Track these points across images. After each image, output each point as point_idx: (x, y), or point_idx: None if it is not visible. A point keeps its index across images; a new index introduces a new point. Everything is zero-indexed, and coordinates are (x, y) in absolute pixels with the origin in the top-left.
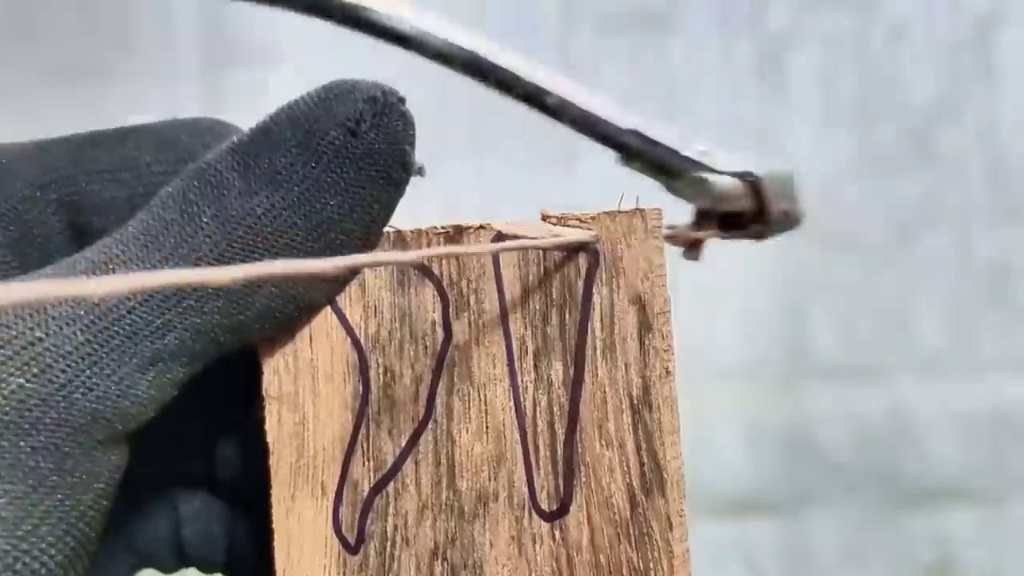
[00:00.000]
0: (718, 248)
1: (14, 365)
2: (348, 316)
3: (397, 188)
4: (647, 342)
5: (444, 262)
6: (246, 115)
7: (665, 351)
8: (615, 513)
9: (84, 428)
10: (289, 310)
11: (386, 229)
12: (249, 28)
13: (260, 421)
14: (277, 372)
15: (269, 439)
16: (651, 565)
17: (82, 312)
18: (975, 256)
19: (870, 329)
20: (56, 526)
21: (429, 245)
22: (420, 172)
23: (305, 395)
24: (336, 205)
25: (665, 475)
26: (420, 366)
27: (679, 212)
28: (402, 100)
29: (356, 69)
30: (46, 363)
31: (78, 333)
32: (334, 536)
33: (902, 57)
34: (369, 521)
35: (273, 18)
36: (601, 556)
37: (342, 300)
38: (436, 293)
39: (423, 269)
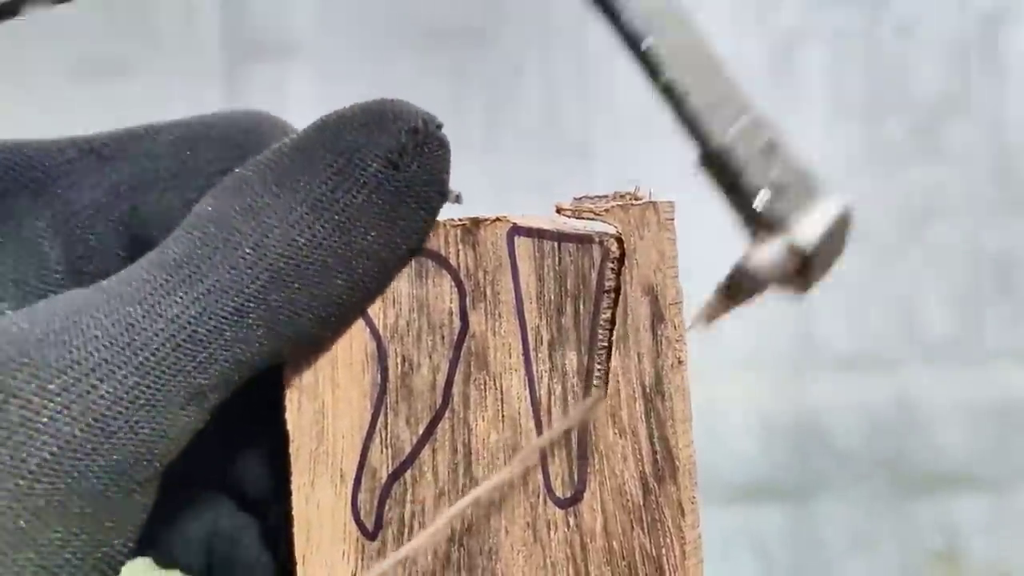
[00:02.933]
0: (729, 239)
1: (70, 415)
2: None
3: (432, 215)
4: (660, 332)
5: (461, 253)
6: (267, 108)
7: (677, 341)
8: (628, 500)
9: (127, 472)
10: (322, 331)
11: None
12: (269, 24)
13: (281, 413)
14: (297, 361)
15: (289, 427)
16: (663, 551)
17: (132, 354)
18: (981, 248)
19: (878, 319)
20: (89, 573)
21: (447, 237)
22: (458, 200)
23: (325, 384)
24: (375, 236)
25: (677, 463)
26: (437, 356)
27: (693, 205)
28: (440, 127)
29: (373, 65)
30: (100, 412)
31: (129, 376)
32: (353, 522)
33: (910, 53)
34: (387, 507)
35: (292, 14)
36: (614, 542)
37: None
38: (453, 284)
39: (440, 260)
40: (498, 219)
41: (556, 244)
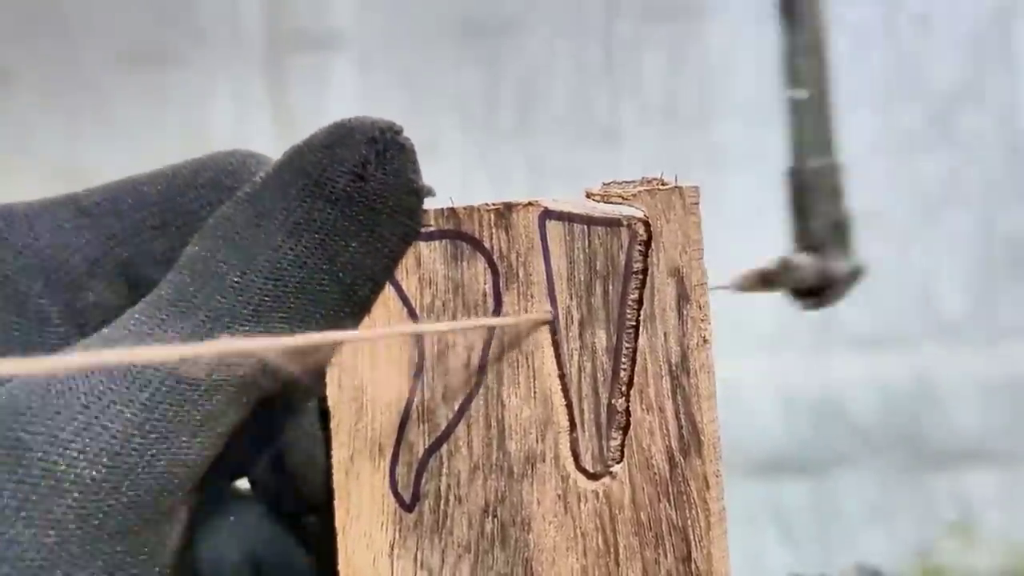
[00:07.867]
0: (751, 224)
1: (86, 458)
2: (404, 287)
3: (411, 217)
4: (685, 312)
5: (495, 236)
6: (309, 97)
7: (702, 321)
8: (655, 473)
9: (150, 505)
10: (322, 348)
11: (440, 206)
12: (311, 15)
13: (323, 404)
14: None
15: (330, 403)
16: (689, 522)
17: (137, 391)
18: (994, 231)
19: (895, 300)
20: None
21: (481, 221)
22: (429, 193)
23: (364, 362)
24: (357, 246)
25: (702, 437)
26: (472, 335)
27: (710, 196)
28: (398, 132)
29: (411, 55)
30: (115, 451)
31: (137, 414)
32: (391, 494)
33: (926, 45)
34: (424, 480)
35: (333, 5)
36: (642, 514)
37: (399, 272)
38: (487, 266)
39: (475, 243)
40: (530, 203)
41: (586, 227)
